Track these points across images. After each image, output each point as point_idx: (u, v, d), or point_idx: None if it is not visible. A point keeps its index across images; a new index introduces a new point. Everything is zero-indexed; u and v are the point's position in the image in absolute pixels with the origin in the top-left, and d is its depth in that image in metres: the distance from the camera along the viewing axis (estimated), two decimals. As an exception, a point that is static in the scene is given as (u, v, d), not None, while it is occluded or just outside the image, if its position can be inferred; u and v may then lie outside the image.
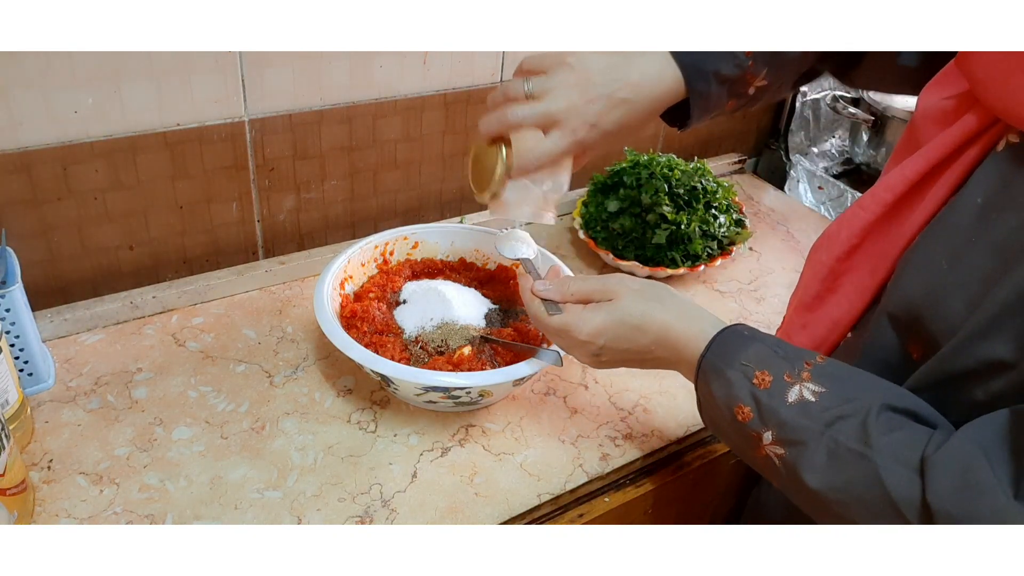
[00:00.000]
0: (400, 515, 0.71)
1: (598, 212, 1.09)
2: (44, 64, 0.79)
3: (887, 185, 0.61)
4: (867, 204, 0.62)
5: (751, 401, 0.57)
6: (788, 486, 0.57)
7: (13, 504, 0.63)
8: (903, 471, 0.49)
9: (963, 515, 0.46)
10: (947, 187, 0.57)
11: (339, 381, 0.85)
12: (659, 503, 0.81)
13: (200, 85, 0.89)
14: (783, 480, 0.57)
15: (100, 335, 0.89)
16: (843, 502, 0.52)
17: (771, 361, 0.58)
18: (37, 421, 0.77)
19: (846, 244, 0.63)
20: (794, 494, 0.57)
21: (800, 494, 0.56)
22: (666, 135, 1.35)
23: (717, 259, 1.06)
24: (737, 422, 0.58)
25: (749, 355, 0.59)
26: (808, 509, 0.57)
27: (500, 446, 0.80)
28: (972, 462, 0.47)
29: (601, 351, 0.68)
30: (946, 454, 0.48)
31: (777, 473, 0.57)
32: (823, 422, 0.53)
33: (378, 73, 1.00)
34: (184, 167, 0.92)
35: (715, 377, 0.60)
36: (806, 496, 0.55)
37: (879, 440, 0.51)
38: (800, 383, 0.55)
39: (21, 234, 0.86)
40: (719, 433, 0.64)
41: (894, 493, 0.49)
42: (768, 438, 0.56)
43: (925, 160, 0.58)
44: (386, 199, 1.11)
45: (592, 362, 0.70)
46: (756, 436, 0.57)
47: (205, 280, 0.95)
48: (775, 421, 0.56)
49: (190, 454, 0.75)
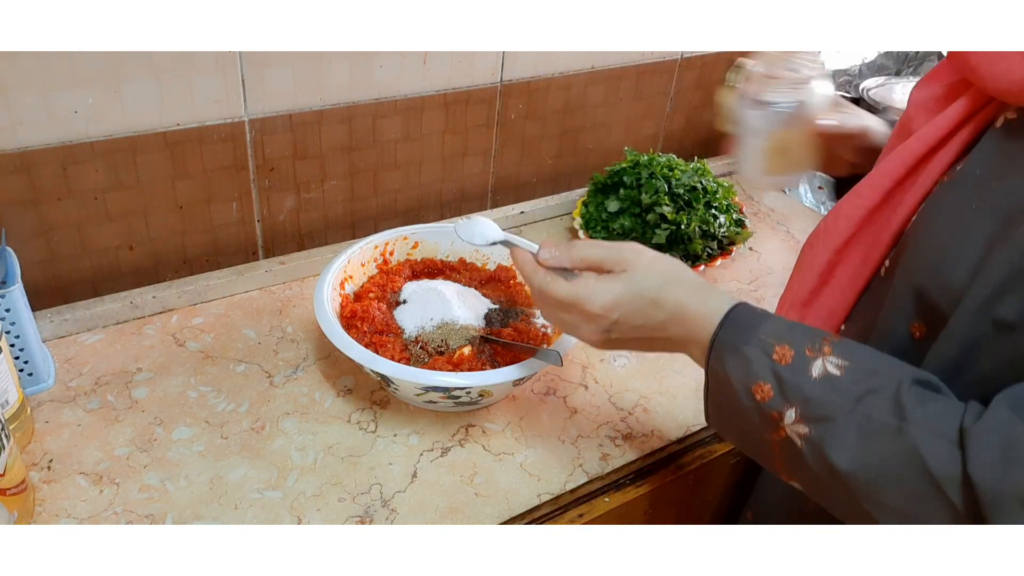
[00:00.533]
0: (400, 515, 0.71)
1: (598, 212, 1.09)
2: (44, 64, 0.79)
3: (884, 172, 0.60)
4: (864, 192, 0.61)
5: (772, 378, 0.53)
6: (810, 470, 0.53)
7: (13, 504, 0.63)
8: (942, 444, 0.47)
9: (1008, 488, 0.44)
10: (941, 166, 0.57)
11: (339, 381, 0.85)
12: (659, 503, 0.81)
13: (200, 85, 0.89)
14: (804, 464, 0.53)
15: (100, 335, 0.89)
16: (875, 482, 0.49)
17: (789, 336, 0.54)
18: (37, 421, 0.77)
19: (844, 234, 0.62)
20: (816, 479, 0.53)
21: (825, 478, 0.52)
22: (666, 135, 1.35)
23: (717, 259, 1.06)
24: (755, 402, 0.54)
25: (766, 330, 0.55)
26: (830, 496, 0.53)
27: (500, 446, 0.80)
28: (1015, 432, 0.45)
29: (613, 327, 0.62)
30: (986, 425, 0.46)
31: (797, 457, 0.53)
32: (853, 396, 0.50)
33: (378, 73, 1.00)
34: (184, 167, 0.92)
35: (730, 355, 0.56)
36: (831, 480, 0.51)
37: (914, 413, 0.48)
38: (823, 357, 0.52)
39: (21, 234, 0.86)
40: (726, 422, 0.60)
41: (934, 468, 0.46)
42: (791, 416, 0.52)
43: (922, 143, 0.57)
44: (386, 199, 1.11)
45: (599, 339, 0.64)
46: (776, 417, 0.53)
47: (205, 280, 0.95)
48: (800, 397, 0.52)
49: (190, 454, 0.75)
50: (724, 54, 1.32)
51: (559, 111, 1.20)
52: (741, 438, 0.60)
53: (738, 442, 0.61)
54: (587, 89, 1.20)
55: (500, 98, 1.12)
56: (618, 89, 1.24)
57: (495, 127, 1.15)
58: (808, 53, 0.75)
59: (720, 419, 0.61)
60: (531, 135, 1.19)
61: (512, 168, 1.21)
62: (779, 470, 0.57)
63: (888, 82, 1.37)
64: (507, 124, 1.16)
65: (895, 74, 1.52)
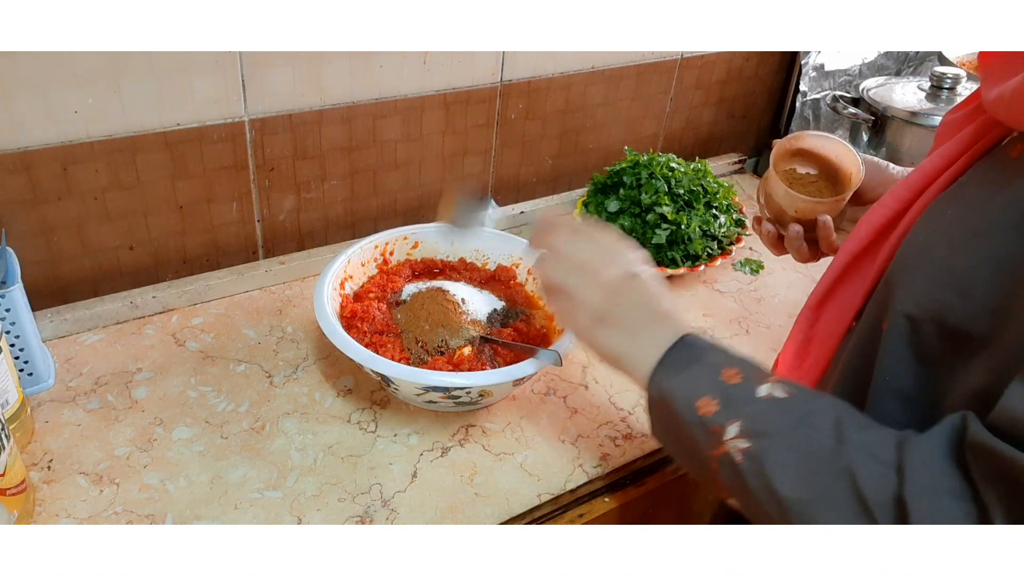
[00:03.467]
0: (400, 515, 0.71)
1: (598, 212, 1.09)
2: (44, 64, 0.79)
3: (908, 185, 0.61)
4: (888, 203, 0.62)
5: (719, 393, 0.54)
6: (747, 487, 0.52)
7: (13, 504, 0.63)
8: (878, 467, 0.47)
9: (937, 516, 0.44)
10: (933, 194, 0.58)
11: (339, 381, 0.85)
12: (659, 503, 0.81)
13: (200, 85, 0.89)
14: (742, 481, 0.53)
15: (100, 335, 0.89)
16: (809, 503, 0.49)
17: (738, 362, 0.56)
18: (37, 421, 0.77)
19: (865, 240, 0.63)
20: (752, 497, 0.53)
21: (761, 495, 0.52)
22: (666, 135, 1.35)
23: (717, 259, 1.06)
24: (697, 416, 0.55)
25: (716, 355, 0.57)
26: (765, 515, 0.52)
27: (500, 446, 0.80)
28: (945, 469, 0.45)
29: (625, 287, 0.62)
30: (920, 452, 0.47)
31: (736, 474, 0.53)
32: (795, 416, 0.52)
33: (378, 73, 1.00)
34: (184, 167, 0.92)
35: (677, 372, 0.57)
36: (768, 497, 0.51)
37: (853, 436, 0.49)
38: (769, 382, 0.54)
39: (21, 234, 0.86)
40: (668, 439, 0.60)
41: (866, 489, 0.47)
42: (732, 431, 0.53)
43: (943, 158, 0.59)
44: (386, 199, 1.11)
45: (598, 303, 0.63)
46: (718, 431, 0.54)
47: (205, 280, 0.95)
48: (745, 411, 0.53)
49: (190, 454, 0.75)
50: (724, 54, 1.32)
51: (559, 111, 1.20)
52: (682, 455, 0.60)
53: (679, 459, 0.61)
54: (587, 89, 1.20)
55: (500, 98, 1.12)
56: (618, 89, 1.24)
57: (495, 127, 1.15)
58: None
59: (661, 439, 0.62)
60: (531, 135, 1.19)
61: (512, 168, 1.21)
62: (719, 488, 0.57)
63: (888, 82, 1.37)
64: (507, 124, 1.16)
65: (895, 74, 1.52)
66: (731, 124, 1.44)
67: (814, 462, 0.50)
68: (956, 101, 1.23)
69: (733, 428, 0.53)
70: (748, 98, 1.43)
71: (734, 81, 1.38)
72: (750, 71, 1.38)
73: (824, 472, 0.49)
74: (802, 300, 0.68)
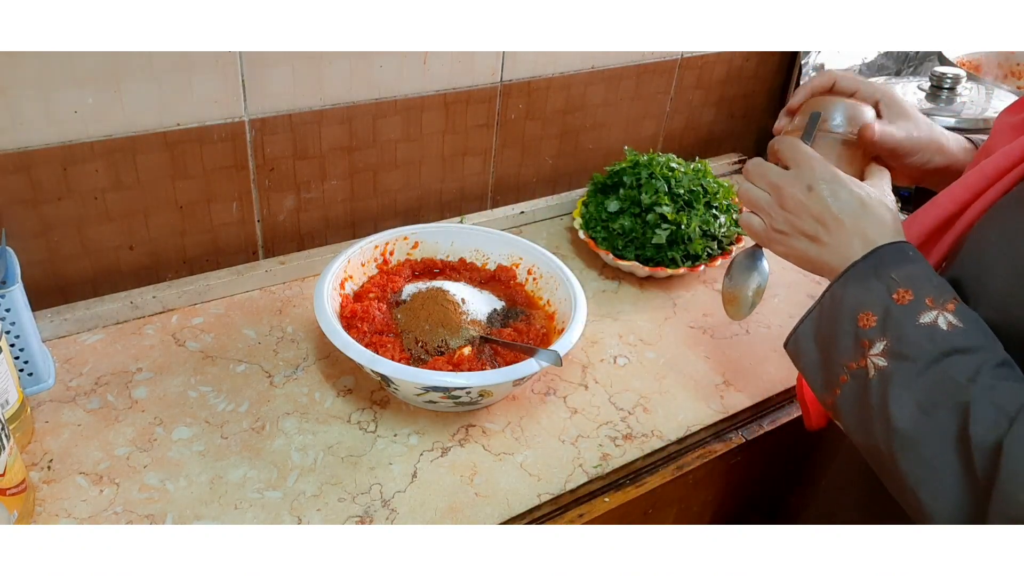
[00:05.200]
0: (400, 515, 0.71)
1: (598, 212, 1.09)
2: (44, 64, 0.79)
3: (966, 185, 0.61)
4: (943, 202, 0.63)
5: (881, 311, 0.56)
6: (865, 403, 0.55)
7: (13, 504, 0.63)
8: (995, 413, 0.48)
9: None
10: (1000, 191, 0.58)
11: (339, 381, 0.85)
12: (659, 503, 0.81)
13: (200, 85, 0.89)
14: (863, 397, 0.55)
15: (100, 335, 0.89)
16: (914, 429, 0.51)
17: (920, 284, 0.56)
18: (37, 421, 0.77)
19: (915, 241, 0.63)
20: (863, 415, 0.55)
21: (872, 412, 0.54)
22: (666, 135, 1.35)
23: (717, 259, 1.06)
24: (855, 327, 0.57)
25: (901, 272, 0.57)
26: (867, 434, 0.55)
27: (500, 446, 0.80)
28: None
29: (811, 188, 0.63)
30: None
31: (859, 388, 0.55)
32: (941, 350, 0.53)
33: (378, 73, 1.00)
34: (184, 167, 0.92)
35: (856, 283, 0.59)
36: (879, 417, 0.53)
37: (986, 380, 0.50)
38: (940, 311, 0.54)
39: (21, 234, 0.86)
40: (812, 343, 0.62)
41: (975, 429, 0.48)
42: (878, 348, 0.55)
43: (1006, 158, 0.59)
44: (386, 199, 1.11)
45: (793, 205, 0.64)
46: (866, 344, 0.56)
47: (205, 280, 0.95)
48: (896, 333, 0.54)
49: (190, 454, 0.75)
50: (724, 54, 1.32)
51: (559, 111, 1.20)
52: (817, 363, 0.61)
53: (808, 367, 0.62)
54: (587, 89, 1.20)
55: (500, 98, 1.12)
56: (618, 89, 1.24)
57: (495, 127, 1.15)
58: None
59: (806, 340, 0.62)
60: (531, 135, 1.19)
61: (512, 168, 1.21)
62: (829, 404, 0.59)
63: (888, 82, 1.37)
64: (507, 124, 1.16)
65: (895, 74, 1.52)
66: (731, 124, 1.43)
67: (937, 394, 0.51)
68: (956, 101, 1.23)
69: (880, 345, 0.55)
70: (748, 98, 1.43)
71: (734, 81, 1.38)
72: (750, 71, 1.39)
73: (942, 405, 0.51)
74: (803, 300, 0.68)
